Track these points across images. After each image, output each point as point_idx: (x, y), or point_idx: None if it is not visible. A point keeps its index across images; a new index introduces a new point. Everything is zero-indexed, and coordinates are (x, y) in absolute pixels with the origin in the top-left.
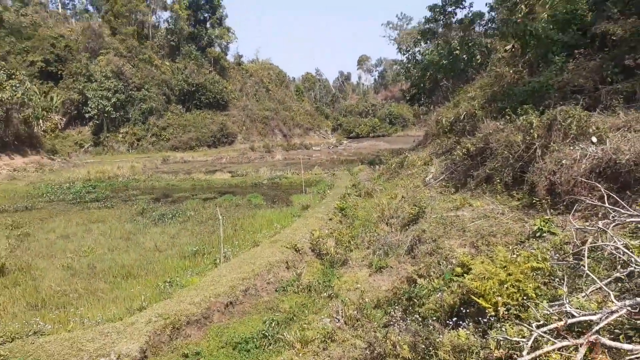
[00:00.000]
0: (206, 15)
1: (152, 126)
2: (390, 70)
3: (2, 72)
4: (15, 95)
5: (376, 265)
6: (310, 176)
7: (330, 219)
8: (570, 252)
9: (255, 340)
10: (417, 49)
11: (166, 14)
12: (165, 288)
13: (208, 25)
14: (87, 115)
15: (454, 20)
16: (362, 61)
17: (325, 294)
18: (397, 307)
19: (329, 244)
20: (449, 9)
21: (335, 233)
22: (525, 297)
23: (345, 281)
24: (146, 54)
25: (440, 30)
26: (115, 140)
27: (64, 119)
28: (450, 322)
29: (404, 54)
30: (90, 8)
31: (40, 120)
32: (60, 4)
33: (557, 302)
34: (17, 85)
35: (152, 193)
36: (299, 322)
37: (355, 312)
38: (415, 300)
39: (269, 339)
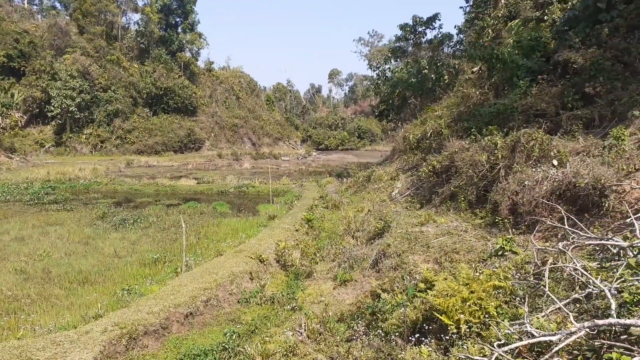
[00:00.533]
0: (178, 19)
1: (117, 128)
2: (361, 85)
3: None
4: None
5: (341, 279)
6: (278, 186)
7: (297, 230)
8: (531, 271)
9: (214, 352)
10: (387, 66)
11: (137, 16)
12: (123, 296)
13: (179, 29)
14: (49, 114)
15: (423, 40)
16: (333, 75)
17: (288, 306)
18: (360, 322)
19: (294, 256)
20: (419, 29)
21: (302, 244)
22: (487, 316)
23: (310, 294)
24: (114, 55)
25: (410, 49)
26: (78, 141)
27: (25, 117)
28: (413, 339)
29: (374, 70)
30: (57, 5)
31: (0, 117)
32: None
33: (518, 322)
34: None
35: (114, 197)
36: (260, 334)
37: (319, 325)
38: (378, 315)
39: (229, 352)
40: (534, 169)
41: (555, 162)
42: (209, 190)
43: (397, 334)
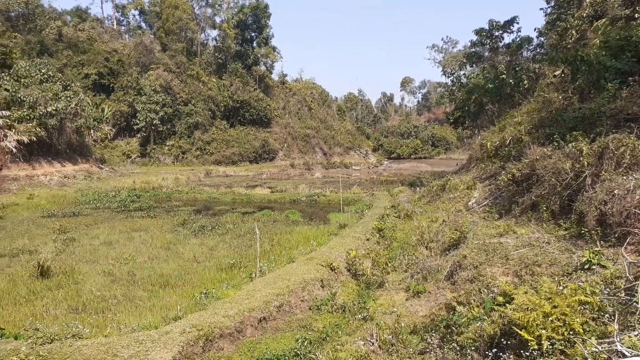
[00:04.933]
0: (253, 34)
1: (197, 140)
2: (434, 92)
3: (58, 83)
4: (70, 105)
5: (414, 290)
6: (349, 195)
7: (368, 239)
8: (622, 287)
9: (287, 358)
10: (462, 72)
11: (214, 33)
12: (201, 299)
13: (254, 44)
14: (135, 127)
15: (501, 44)
16: (405, 83)
17: (359, 315)
18: (434, 334)
19: (365, 265)
20: (496, 33)
21: (372, 254)
22: (571, 332)
23: (381, 304)
24: (194, 70)
25: (486, 54)
26: (161, 152)
27: (114, 130)
28: (490, 354)
29: (448, 77)
30: (143, 25)
31: (92, 130)
32: (115, 21)
33: (607, 340)
34: (72, 96)
35: (194, 205)
36: (332, 342)
37: (391, 336)
38: (453, 328)
39: (301, 358)
40: (624, 177)
41: None
42: (282, 199)
43: (473, 348)
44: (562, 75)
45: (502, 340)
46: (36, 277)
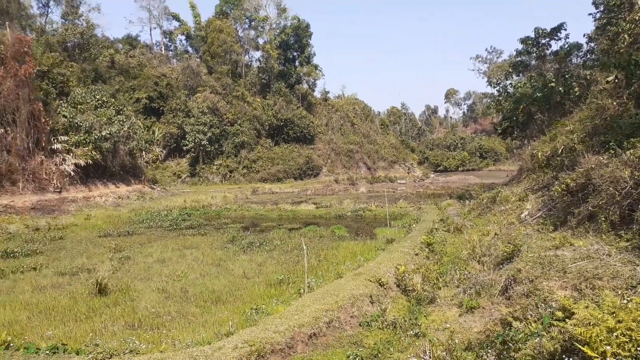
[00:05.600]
0: (295, 54)
1: (244, 159)
2: (480, 103)
3: (112, 108)
4: (123, 129)
5: (467, 305)
6: (395, 209)
7: (417, 254)
8: None
9: None
10: (508, 82)
11: (258, 54)
12: (251, 315)
13: (297, 63)
14: (184, 148)
15: (548, 52)
16: (450, 94)
17: (411, 331)
18: (490, 351)
19: (415, 280)
20: (543, 41)
21: (422, 269)
22: (639, 348)
23: (433, 320)
24: (239, 91)
25: (533, 62)
26: (210, 171)
27: (164, 151)
28: None
29: (494, 87)
30: (189, 49)
31: (143, 152)
32: (163, 46)
33: None
34: (124, 120)
35: (242, 222)
36: (383, 359)
37: (444, 353)
38: (510, 344)
39: None
40: None
41: None
42: (327, 215)
43: None
44: (616, 80)
45: (563, 356)
46: (95, 294)
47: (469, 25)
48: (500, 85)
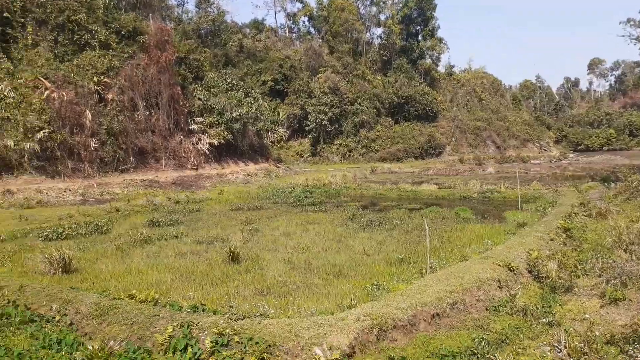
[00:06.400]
0: (418, 28)
1: (363, 138)
2: (631, 73)
3: (241, 91)
4: (251, 110)
5: (610, 296)
6: (527, 192)
7: (552, 240)
8: None
9: (463, 356)
10: None
11: (379, 30)
12: (372, 290)
13: (419, 37)
14: (306, 128)
15: None
16: (593, 65)
17: (544, 319)
18: (637, 346)
19: (550, 267)
20: None
21: (558, 255)
22: None
23: (569, 309)
24: (360, 70)
25: None
26: (330, 151)
27: (288, 132)
28: None
29: None
30: (312, 30)
31: (269, 133)
32: (287, 29)
33: None
34: (252, 102)
35: (361, 201)
36: (512, 345)
37: (582, 344)
38: None
39: (478, 358)
40: None
41: None
42: (451, 196)
43: None
44: None
45: None
46: (228, 262)
47: None
48: None
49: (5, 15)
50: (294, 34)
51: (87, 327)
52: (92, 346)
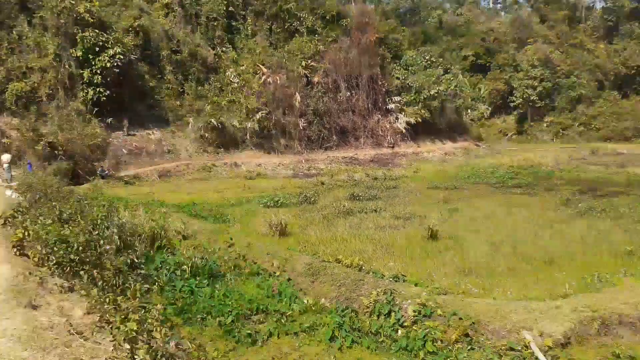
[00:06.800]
0: None
1: (580, 115)
2: None
3: (440, 68)
4: (449, 87)
5: None
6: None
7: None
8: None
9: None
10: None
11: None
12: (592, 282)
13: None
14: (511, 105)
15: None
16: None
17: None
18: None
19: None
20: None
21: None
22: None
23: None
24: (577, 38)
25: None
26: (539, 129)
27: (490, 109)
28: None
29: None
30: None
31: (469, 110)
32: (491, 0)
33: None
34: (451, 79)
35: (577, 185)
36: None
37: None
38: None
39: None
40: None
41: None
42: None
43: None
44: None
45: None
46: (427, 238)
47: None
48: None
49: (230, 9)
50: (499, 4)
51: (302, 283)
52: (307, 300)
